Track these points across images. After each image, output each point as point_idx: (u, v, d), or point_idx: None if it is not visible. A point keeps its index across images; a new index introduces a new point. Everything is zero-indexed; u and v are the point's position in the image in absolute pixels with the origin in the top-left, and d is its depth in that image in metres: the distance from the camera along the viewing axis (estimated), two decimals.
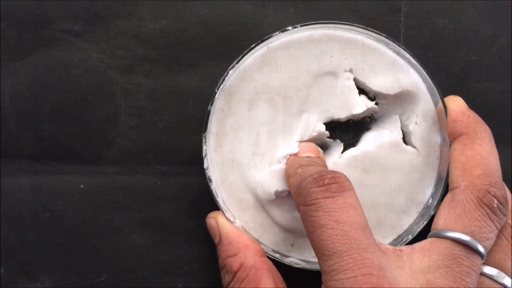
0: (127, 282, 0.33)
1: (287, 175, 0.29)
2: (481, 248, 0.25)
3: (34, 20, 0.33)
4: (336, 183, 0.25)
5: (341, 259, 0.23)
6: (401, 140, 0.31)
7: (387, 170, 0.26)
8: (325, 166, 0.30)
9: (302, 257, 0.31)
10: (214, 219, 0.30)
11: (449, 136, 0.29)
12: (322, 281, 0.24)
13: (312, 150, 0.30)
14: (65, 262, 0.33)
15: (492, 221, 0.26)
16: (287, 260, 0.30)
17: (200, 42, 0.34)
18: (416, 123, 0.31)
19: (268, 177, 0.30)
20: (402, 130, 0.32)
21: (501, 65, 0.34)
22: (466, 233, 0.25)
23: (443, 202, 0.28)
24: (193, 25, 0.34)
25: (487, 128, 0.29)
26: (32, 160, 0.34)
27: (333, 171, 0.26)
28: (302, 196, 0.25)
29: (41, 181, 0.34)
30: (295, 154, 0.30)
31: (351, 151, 0.31)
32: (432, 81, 0.30)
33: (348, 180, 0.25)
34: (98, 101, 0.34)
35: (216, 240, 0.30)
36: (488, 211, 0.26)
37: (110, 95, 0.34)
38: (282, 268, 0.29)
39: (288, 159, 0.30)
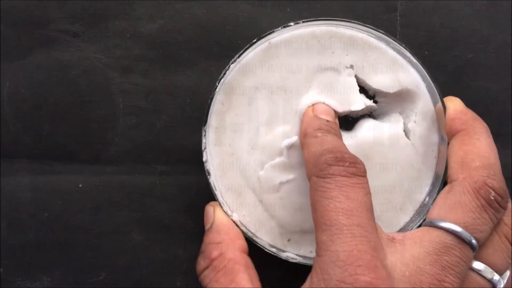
0: (126, 281, 0.33)
1: (304, 133, 0.29)
2: (473, 240, 0.25)
3: (33, 21, 0.34)
4: (355, 167, 0.25)
5: (341, 232, 0.23)
6: (403, 133, 0.31)
7: (385, 164, 0.27)
8: (341, 135, 0.30)
9: (299, 252, 0.31)
10: (213, 208, 0.30)
11: (448, 135, 0.30)
12: (316, 252, 0.25)
13: (330, 113, 0.30)
14: (64, 262, 0.33)
15: (488, 213, 0.26)
16: (283, 255, 0.30)
17: (198, 42, 0.34)
18: (415, 122, 0.31)
19: (272, 170, 0.30)
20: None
21: (497, 64, 0.34)
22: (458, 224, 0.25)
23: (440, 193, 0.28)
24: (190, 25, 0.34)
25: (485, 124, 0.29)
26: (31, 160, 0.34)
27: (354, 156, 0.26)
28: (318, 169, 0.26)
29: (40, 181, 0.34)
30: (314, 112, 0.30)
31: (348, 140, 0.31)
32: (432, 81, 0.30)
33: (365, 169, 0.26)
34: (96, 101, 0.34)
35: (207, 226, 0.30)
36: (484, 203, 0.26)
37: (108, 94, 0.34)
38: (279, 263, 0.30)
39: (305, 112, 0.30)
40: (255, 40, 0.30)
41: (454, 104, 0.30)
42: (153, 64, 0.34)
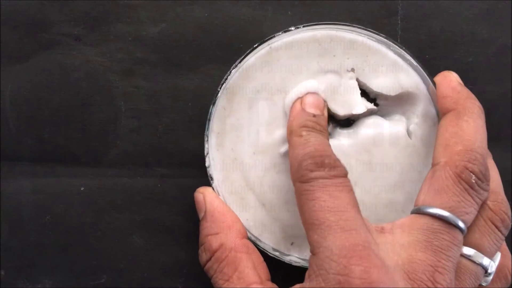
0: (127, 284, 0.33)
1: (289, 131, 0.29)
2: (460, 223, 0.25)
3: (35, 24, 0.34)
4: (335, 170, 0.26)
5: (330, 228, 0.24)
6: (405, 131, 0.31)
7: (387, 163, 0.27)
8: (326, 129, 0.29)
9: (302, 256, 0.31)
10: (202, 195, 0.30)
11: (440, 113, 0.29)
12: (311, 251, 0.25)
13: (318, 106, 0.30)
14: (65, 264, 0.33)
15: (471, 196, 0.26)
16: (286, 259, 0.31)
17: (199, 45, 0.34)
18: (416, 124, 0.31)
19: (274, 174, 0.31)
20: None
21: (498, 67, 0.34)
22: (444, 209, 0.25)
23: (424, 178, 0.28)
24: (192, 28, 0.34)
25: (478, 104, 0.28)
26: (32, 163, 0.34)
27: (335, 159, 0.27)
28: (300, 174, 0.26)
29: (41, 183, 0.34)
30: (302, 105, 0.30)
31: (348, 138, 0.31)
32: (433, 82, 0.31)
33: (346, 169, 0.27)
34: (98, 104, 0.34)
35: (201, 216, 0.30)
36: (467, 186, 0.26)
37: (110, 98, 0.34)
38: (282, 267, 0.30)
39: (293, 104, 0.30)
40: (256, 45, 0.30)
41: (448, 79, 0.30)
42: (155, 67, 0.34)
